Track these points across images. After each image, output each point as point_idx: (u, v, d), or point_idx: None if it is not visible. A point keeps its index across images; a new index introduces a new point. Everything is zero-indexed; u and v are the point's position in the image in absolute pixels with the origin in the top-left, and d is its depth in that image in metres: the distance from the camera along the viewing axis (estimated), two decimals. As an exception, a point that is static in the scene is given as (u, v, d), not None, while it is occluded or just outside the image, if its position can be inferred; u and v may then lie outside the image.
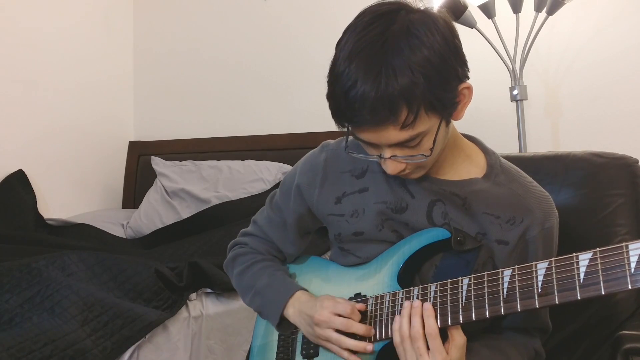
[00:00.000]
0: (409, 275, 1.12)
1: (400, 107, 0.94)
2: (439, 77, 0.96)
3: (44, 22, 2.90)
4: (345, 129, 1.03)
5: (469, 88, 1.03)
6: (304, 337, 1.20)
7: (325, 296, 1.15)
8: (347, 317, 1.09)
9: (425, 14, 1.00)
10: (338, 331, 1.09)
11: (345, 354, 1.09)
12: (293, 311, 1.19)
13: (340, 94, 0.97)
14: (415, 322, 1.00)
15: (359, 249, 1.19)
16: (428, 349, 0.99)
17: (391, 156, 1.02)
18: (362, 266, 1.19)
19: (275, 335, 1.27)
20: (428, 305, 1.01)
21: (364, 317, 1.11)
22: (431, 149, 1.02)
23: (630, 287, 0.83)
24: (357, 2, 1.04)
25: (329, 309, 1.10)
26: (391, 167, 1.04)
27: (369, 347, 1.07)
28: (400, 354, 1.02)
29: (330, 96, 1.01)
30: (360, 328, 1.08)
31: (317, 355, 1.16)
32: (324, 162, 1.22)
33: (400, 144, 1.00)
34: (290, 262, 1.36)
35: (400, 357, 1.03)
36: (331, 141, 1.25)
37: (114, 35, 3.31)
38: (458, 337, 1.01)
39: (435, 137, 1.01)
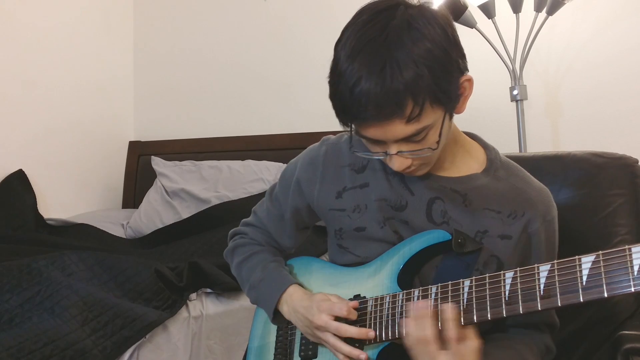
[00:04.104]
0: (409, 277, 1.12)
1: (406, 100, 0.95)
2: (442, 69, 0.97)
3: (44, 22, 2.90)
4: (349, 129, 1.03)
5: (470, 80, 1.04)
6: (302, 338, 1.19)
7: (320, 296, 1.14)
8: (345, 318, 1.09)
9: (424, 8, 1.01)
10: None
11: (341, 356, 1.09)
12: (287, 309, 1.20)
13: (345, 92, 0.97)
14: (424, 324, 0.97)
15: (358, 246, 1.19)
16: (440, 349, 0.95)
17: (397, 152, 1.02)
18: (362, 267, 1.18)
19: (272, 336, 1.26)
20: (448, 307, 0.96)
21: (364, 317, 1.11)
22: (438, 142, 1.02)
23: (633, 290, 0.82)
24: (358, 1, 1.04)
25: (326, 312, 1.10)
26: (397, 164, 1.04)
27: (362, 356, 1.06)
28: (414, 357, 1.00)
29: (334, 95, 1.01)
30: (354, 332, 1.07)
31: (315, 357, 1.16)
32: (324, 155, 1.22)
33: (406, 139, 1.00)
34: (288, 254, 1.37)
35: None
36: (332, 136, 1.26)
37: (114, 34, 3.30)
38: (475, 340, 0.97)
39: (440, 130, 1.01)
